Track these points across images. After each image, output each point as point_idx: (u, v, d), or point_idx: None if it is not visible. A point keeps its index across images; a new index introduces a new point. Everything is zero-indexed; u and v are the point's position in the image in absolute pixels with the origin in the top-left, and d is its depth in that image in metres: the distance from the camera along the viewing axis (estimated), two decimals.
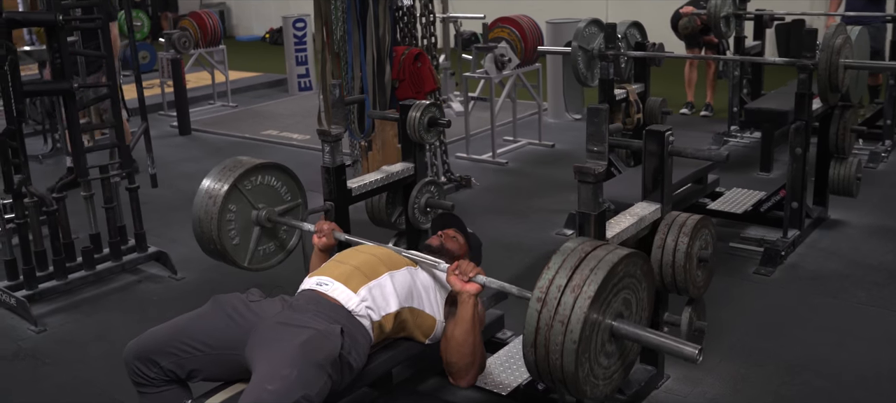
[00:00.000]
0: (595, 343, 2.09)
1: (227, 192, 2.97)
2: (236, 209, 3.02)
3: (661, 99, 5.11)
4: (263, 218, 3.06)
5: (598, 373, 2.14)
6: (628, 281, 2.20)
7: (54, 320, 3.91)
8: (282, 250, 3.19)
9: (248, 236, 3.07)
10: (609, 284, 2.09)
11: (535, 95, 6.75)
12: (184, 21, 9.01)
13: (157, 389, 2.43)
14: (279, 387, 2.14)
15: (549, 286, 2.08)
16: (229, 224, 3.01)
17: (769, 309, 3.72)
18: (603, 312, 2.09)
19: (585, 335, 2.03)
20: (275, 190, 3.12)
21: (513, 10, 7.00)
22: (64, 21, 3.79)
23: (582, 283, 2.05)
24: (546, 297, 2.07)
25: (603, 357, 2.15)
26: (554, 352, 2.04)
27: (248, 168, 3.03)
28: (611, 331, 2.14)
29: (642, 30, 5.29)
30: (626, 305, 2.21)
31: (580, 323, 2.01)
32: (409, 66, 5.20)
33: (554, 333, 2.03)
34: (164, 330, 2.45)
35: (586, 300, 2.02)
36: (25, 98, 3.81)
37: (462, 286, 2.47)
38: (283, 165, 3.17)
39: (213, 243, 2.99)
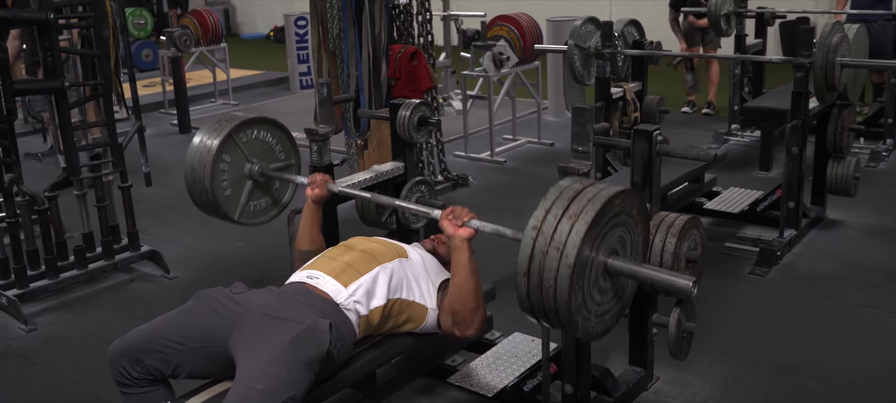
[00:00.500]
0: (589, 275, 2.06)
1: (223, 142, 2.99)
2: (230, 160, 3.04)
3: (658, 97, 5.08)
4: (256, 173, 3.08)
5: (590, 308, 2.10)
6: (624, 219, 2.16)
7: (45, 319, 3.91)
8: (275, 205, 3.22)
9: (240, 189, 3.10)
10: (605, 216, 2.06)
11: (534, 94, 6.72)
12: (185, 19, 9.01)
13: (141, 389, 2.41)
14: (268, 387, 2.12)
15: (546, 215, 2.05)
16: (222, 174, 3.02)
17: (763, 310, 3.68)
18: (598, 244, 2.06)
19: (580, 261, 1.99)
20: (269, 146, 3.15)
21: (516, 9, 6.97)
22: (54, 19, 3.77)
23: (579, 212, 2.02)
24: (542, 225, 2.03)
25: (596, 292, 2.12)
26: (548, 279, 2.00)
27: (244, 120, 3.07)
28: (605, 267, 2.12)
29: (640, 28, 5.26)
30: (621, 243, 2.17)
31: (575, 247, 1.97)
32: (405, 65, 5.18)
33: (549, 260, 1.99)
34: (148, 328, 2.44)
35: (584, 225, 1.99)
36: (15, 96, 3.79)
37: (455, 230, 2.46)
38: (278, 122, 3.18)
39: (206, 193, 2.99)
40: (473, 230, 2.45)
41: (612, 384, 2.92)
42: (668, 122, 7.37)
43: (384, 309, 2.52)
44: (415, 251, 2.74)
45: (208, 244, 4.84)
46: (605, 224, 2.07)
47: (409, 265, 2.64)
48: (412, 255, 2.70)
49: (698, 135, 6.86)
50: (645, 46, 5.05)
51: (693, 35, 7.45)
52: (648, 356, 3.06)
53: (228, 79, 9.20)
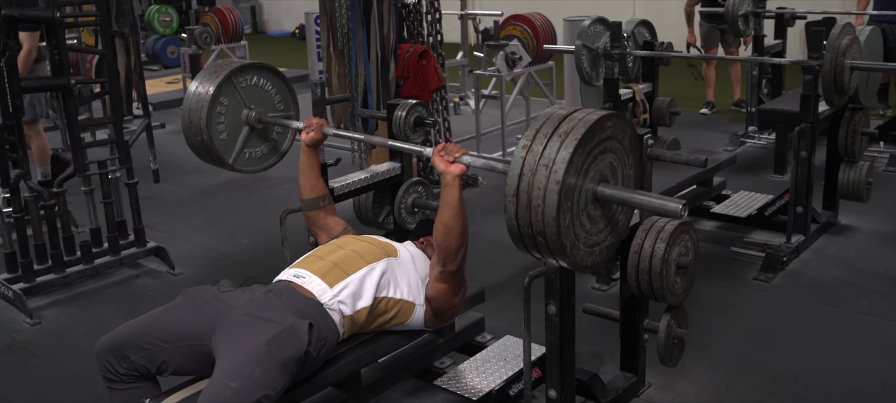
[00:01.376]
0: (578, 198, 2.04)
1: (222, 83, 3.00)
2: (228, 104, 3.04)
3: (669, 99, 5.02)
4: (253, 119, 3.08)
5: (579, 234, 2.08)
6: (615, 145, 2.14)
7: (50, 313, 3.97)
8: (274, 152, 3.22)
9: (236, 134, 3.10)
10: (595, 137, 2.04)
11: (547, 94, 6.68)
12: (206, 17, 9.10)
13: (126, 385, 2.43)
14: (241, 386, 2.13)
15: (536, 134, 2.04)
16: (219, 116, 3.03)
17: (764, 317, 3.62)
18: (587, 168, 2.05)
19: (569, 178, 1.98)
20: (268, 95, 3.16)
21: (540, 9, 6.92)
22: (61, 18, 3.83)
23: (569, 131, 2.01)
24: (531, 144, 2.02)
25: (586, 218, 2.10)
26: (536, 197, 1.98)
27: (243, 65, 3.09)
28: (595, 194, 2.10)
29: (651, 28, 5.19)
30: (611, 171, 2.15)
31: (564, 163, 1.95)
32: (413, 64, 5.18)
33: (537, 177, 1.98)
34: (134, 325, 2.46)
35: (573, 142, 1.97)
36: (22, 93, 3.85)
37: (446, 166, 2.45)
38: (278, 70, 3.19)
39: (201, 133, 3.00)
40: (465, 166, 2.45)
41: (600, 389, 2.90)
42: (685, 123, 7.31)
43: (370, 309, 2.52)
44: (405, 248, 2.74)
45: (215, 241, 4.88)
46: (595, 146, 2.05)
47: (398, 263, 2.64)
48: (402, 253, 2.70)
49: (714, 137, 6.77)
50: (655, 47, 4.99)
51: (712, 36, 7.35)
52: (639, 361, 3.03)
53: None
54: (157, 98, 9.41)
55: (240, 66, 3.09)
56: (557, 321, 2.61)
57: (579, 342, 3.43)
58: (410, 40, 5.37)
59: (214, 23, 8.85)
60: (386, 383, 2.86)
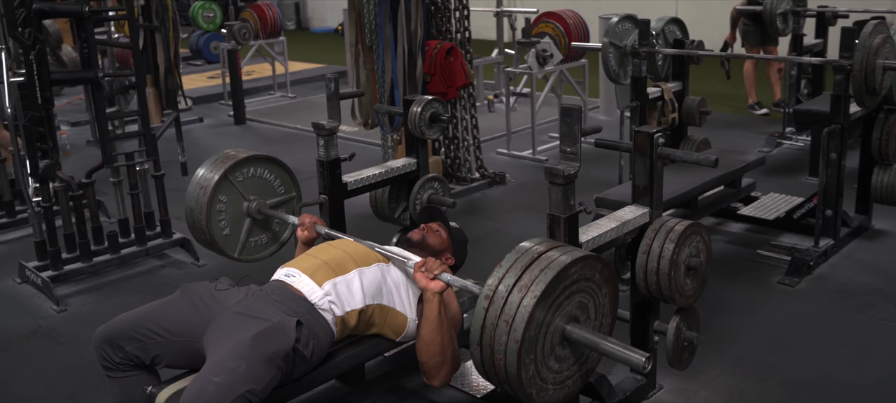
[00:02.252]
0: (543, 344, 2.03)
1: (217, 183, 2.99)
2: (227, 200, 3.04)
3: (699, 98, 4.93)
4: (253, 210, 3.08)
5: (546, 377, 2.07)
6: (584, 285, 2.12)
7: (76, 301, 4.06)
8: (274, 242, 3.21)
9: (239, 227, 3.10)
10: (559, 285, 2.03)
11: (579, 92, 6.62)
12: (245, 13, 9.21)
13: (123, 374, 2.47)
14: (224, 380, 2.15)
15: (498, 284, 2.04)
16: (219, 214, 3.04)
17: (786, 322, 3.54)
18: (552, 313, 2.03)
19: (530, 335, 1.97)
20: (267, 182, 3.14)
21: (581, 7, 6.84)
22: (89, 12, 3.91)
23: (530, 283, 2.00)
24: (494, 295, 2.02)
25: (553, 360, 2.08)
26: (498, 352, 1.99)
27: (238, 160, 3.05)
28: (563, 335, 2.08)
29: (683, 26, 5.10)
30: (582, 309, 2.13)
31: (524, 322, 1.95)
32: (440, 61, 5.18)
33: (498, 332, 1.98)
34: (131, 316, 2.50)
35: (532, 299, 1.97)
36: (53, 86, 3.94)
37: (426, 283, 2.44)
38: (275, 158, 3.18)
39: (203, 233, 3.03)
40: (445, 283, 2.43)
41: (607, 391, 2.86)
42: (724, 123, 7.20)
43: (362, 314, 2.52)
44: (395, 266, 2.71)
45: None
46: (560, 293, 2.04)
47: (389, 271, 2.62)
48: (393, 266, 2.68)
49: (751, 137, 6.64)
50: (686, 45, 4.91)
51: (750, 34, 7.20)
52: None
53: (286, 72, 9.37)
54: (198, 93, 9.59)
55: (234, 164, 3.02)
56: None
57: None
58: (439, 37, 5.36)
59: (253, 19, 8.95)
60: (390, 377, 2.86)
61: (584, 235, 2.59)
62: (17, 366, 3.48)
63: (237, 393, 2.13)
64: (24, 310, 3.99)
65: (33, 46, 3.79)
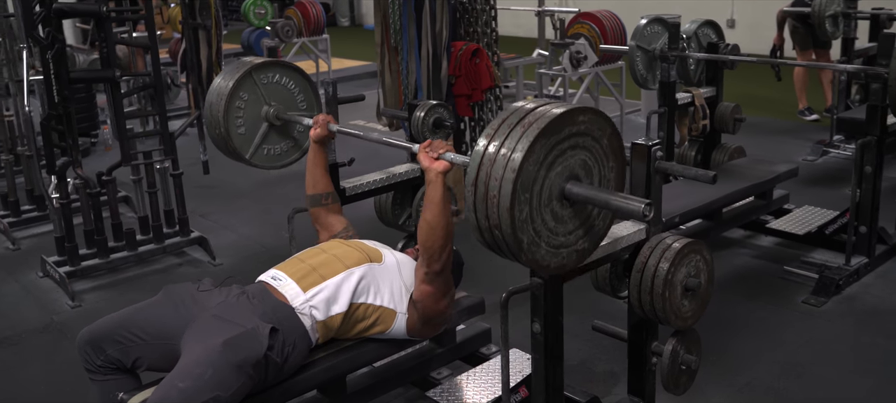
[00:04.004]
0: (540, 191, 1.94)
1: (241, 78, 3.04)
2: (248, 98, 3.08)
3: (733, 104, 4.73)
4: (271, 115, 3.11)
5: (540, 230, 1.97)
6: (589, 143, 2.02)
7: (91, 296, 4.11)
8: (297, 149, 3.24)
9: (255, 130, 3.13)
10: (563, 130, 1.93)
11: (616, 94, 6.45)
12: (289, 10, 9.26)
13: (104, 377, 2.47)
14: (189, 386, 2.12)
15: (501, 124, 1.95)
16: (238, 111, 3.07)
17: (805, 344, 3.36)
18: (552, 160, 1.94)
19: (527, 169, 1.87)
20: (291, 93, 3.18)
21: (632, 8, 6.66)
22: (108, 12, 3.95)
23: (534, 121, 1.91)
24: (496, 132, 1.94)
25: (549, 215, 1.98)
26: (493, 187, 1.89)
27: (265, 61, 3.12)
28: (562, 191, 1.99)
29: (718, 29, 4.90)
30: (585, 170, 2.03)
31: (523, 151, 1.86)
32: (465, 63, 5.10)
33: (496, 167, 1.89)
34: (113, 318, 2.49)
35: (534, 131, 1.87)
36: (72, 84, 3.99)
37: (430, 162, 2.39)
38: (302, 70, 3.22)
39: (218, 126, 3.05)
40: (449, 163, 2.37)
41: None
42: (769, 129, 6.93)
43: (346, 315, 2.47)
44: (392, 255, 2.67)
45: (260, 233, 4.95)
46: (563, 139, 1.94)
47: (380, 269, 2.57)
48: (387, 259, 2.62)
49: (797, 145, 6.37)
50: (720, 50, 4.72)
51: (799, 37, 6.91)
52: (647, 385, 2.84)
53: (329, 69, 9.39)
54: None
55: (261, 63, 3.11)
56: (542, 339, 2.48)
57: (596, 359, 3.31)
58: (466, 38, 5.27)
59: (297, 16, 9.00)
60: (375, 390, 2.80)
61: None
62: (25, 359, 3.54)
63: (201, 400, 2.10)
64: (41, 304, 4.06)
65: (52, 46, 3.84)
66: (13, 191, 5.04)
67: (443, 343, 2.95)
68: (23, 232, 5.02)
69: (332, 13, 18.04)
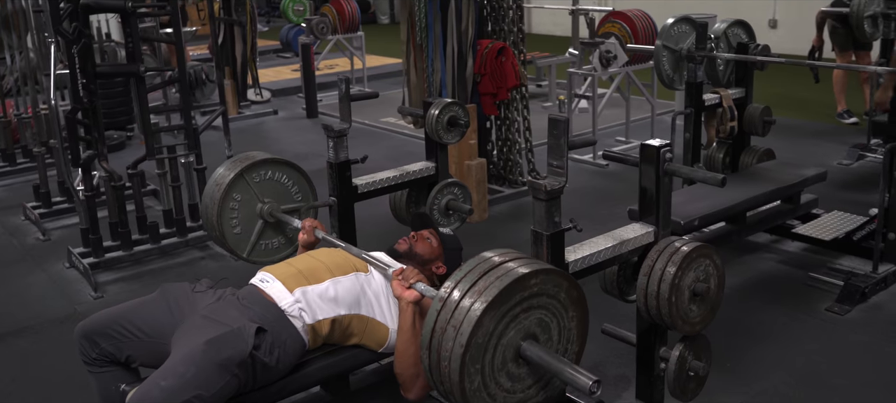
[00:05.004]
0: (493, 357, 1.92)
1: (232, 181, 3.03)
2: (241, 199, 3.07)
3: (762, 106, 4.63)
4: (266, 212, 3.10)
5: (495, 394, 1.95)
6: (546, 301, 2.00)
7: (114, 288, 4.18)
8: (290, 244, 3.21)
9: (251, 228, 3.12)
10: (514, 295, 1.91)
11: (647, 95, 6.36)
12: (324, 7, 9.32)
13: (100, 369, 2.51)
14: (171, 385, 2.14)
15: (453, 288, 1.94)
16: (232, 212, 3.06)
17: (824, 353, 3.27)
18: (505, 325, 1.92)
19: (477, 341, 1.86)
20: (285, 187, 3.16)
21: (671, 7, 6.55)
22: (133, 7, 4.01)
23: (484, 289, 1.90)
24: (447, 299, 1.93)
25: (505, 377, 1.96)
26: (444, 357, 1.89)
27: (256, 161, 3.10)
28: (517, 351, 1.96)
29: (749, 29, 4.80)
30: (542, 328, 2.01)
31: (470, 326, 1.85)
32: (491, 61, 5.07)
33: (446, 337, 1.89)
34: (110, 313, 2.53)
35: (482, 304, 1.86)
36: (98, 79, 4.06)
37: (401, 292, 2.39)
38: (294, 164, 3.20)
39: (214, 229, 3.06)
40: (419, 293, 2.36)
41: None
42: (806, 131, 6.78)
43: (336, 323, 2.48)
44: (375, 272, 2.65)
45: None
46: (516, 304, 1.92)
47: (368, 280, 2.57)
48: (374, 271, 2.61)
49: (834, 148, 6.21)
50: (750, 50, 4.62)
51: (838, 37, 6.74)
52: (655, 391, 2.79)
53: (364, 67, 9.43)
54: (279, 85, 9.79)
55: (252, 163, 3.08)
56: None
57: (608, 363, 3.26)
58: (493, 36, 5.24)
59: (332, 13, 9.05)
60: (379, 388, 2.79)
61: (575, 254, 2.45)
62: (44, 349, 3.61)
63: (183, 398, 2.13)
64: (65, 295, 4.14)
65: (78, 41, 3.91)
66: (44, 182, 5.15)
67: None
68: (53, 223, 5.13)
69: (373, 11, 18.12)
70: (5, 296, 4.16)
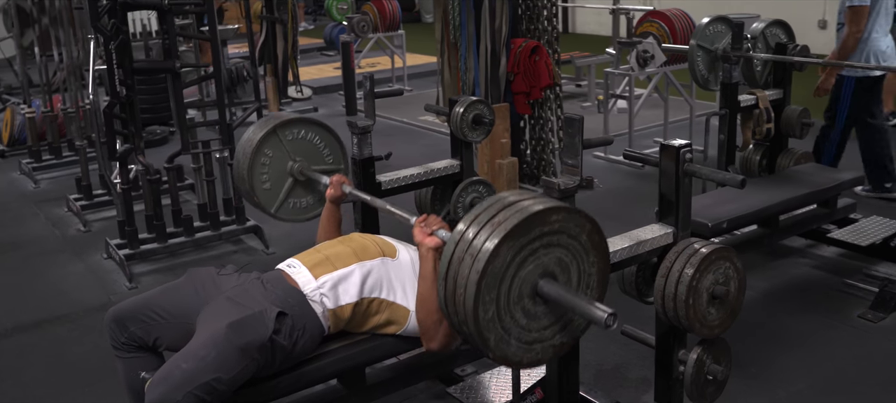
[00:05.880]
0: (509, 288, 1.91)
1: (265, 136, 3.10)
2: (272, 155, 3.13)
3: (801, 108, 4.53)
4: (296, 170, 3.15)
5: (509, 328, 1.94)
6: (567, 241, 1.98)
7: (148, 279, 4.27)
8: (320, 204, 3.25)
9: (280, 185, 3.18)
10: (533, 229, 1.90)
11: (685, 96, 6.28)
12: (365, 6, 9.38)
13: (128, 354, 2.56)
14: (191, 367, 2.19)
15: (472, 221, 1.94)
16: (263, 167, 3.13)
17: (854, 361, 3.19)
18: (522, 258, 1.90)
19: (493, 269, 1.85)
20: (316, 148, 3.22)
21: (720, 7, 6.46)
22: (170, 4, 4.09)
23: (503, 221, 1.89)
24: (466, 230, 1.92)
25: (520, 313, 1.95)
26: (460, 286, 1.88)
27: (290, 118, 3.17)
28: (534, 288, 1.95)
29: (788, 30, 4.70)
30: (561, 268, 1.99)
31: (487, 255, 1.84)
32: (524, 60, 5.05)
33: (463, 265, 1.88)
34: (140, 298, 2.59)
35: (501, 232, 1.85)
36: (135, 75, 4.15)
37: (422, 238, 2.41)
38: (327, 125, 3.26)
39: (244, 181, 3.12)
40: (441, 240, 2.36)
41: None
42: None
43: (357, 307, 2.50)
44: (408, 252, 2.68)
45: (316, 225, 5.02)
46: (535, 239, 1.90)
47: (394, 265, 2.59)
48: (402, 256, 2.64)
49: None
50: (788, 51, 4.52)
51: None
52: (674, 394, 2.76)
53: (404, 65, 9.47)
54: (321, 83, 9.89)
55: (286, 120, 3.14)
56: None
57: (630, 365, 3.24)
58: (527, 34, 5.22)
59: (373, 11, 9.11)
60: (396, 383, 2.81)
61: None
62: (78, 337, 3.71)
63: (202, 380, 2.17)
64: (101, 285, 4.24)
65: (115, 37, 4.00)
66: (86, 175, 5.29)
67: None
68: (94, 214, 5.26)
69: (418, 10, 18.19)
70: (44, 285, 4.29)
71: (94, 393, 3.26)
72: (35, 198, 5.81)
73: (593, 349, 3.32)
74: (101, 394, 3.23)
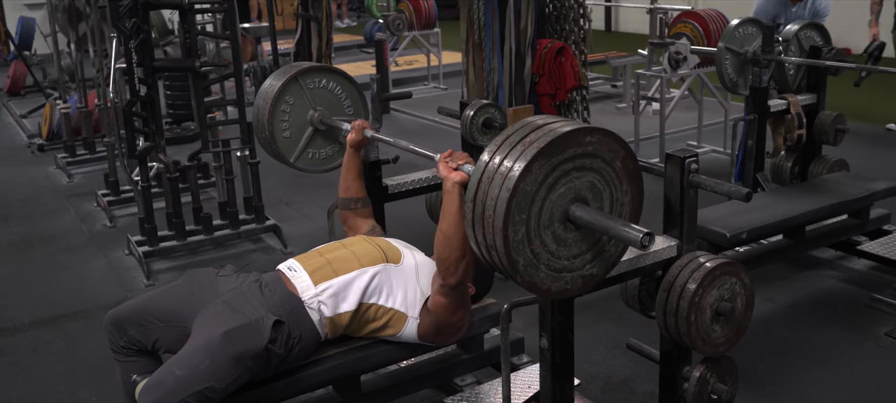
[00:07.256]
0: (540, 213, 1.86)
1: (287, 83, 3.09)
2: (293, 103, 3.12)
3: (835, 114, 4.37)
4: (316, 119, 3.14)
5: (538, 253, 1.89)
6: (600, 165, 1.92)
7: (165, 276, 4.30)
8: (341, 153, 3.24)
9: (300, 134, 3.17)
10: (567, 149, 1.84)
11: (719, 98, 6.11)
12: (402, 4, 9.36)
13: (126, 357, 2.56)
14: (185, 375, 2.17)
15: (503, 142, 1.89)
16: (283, 115, 3.12)
17: (878, 381, 3.05)
18: (554, 178, 1.85)
19: (524, 188, 1.81)
20: (337, 98, 3.20)
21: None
22: (190, 4, 4.11)
23: (536, 140, 1.83)
24: (498, 149, 1.88)
25: (550, 238, 1.90)
26: (489, 206, 1.83)
27: (312, 66, 3.15)
28: (565, 213, 1.89)
29: (824, 32, 4.53)
30: (594, 193, 1.94)
31: (518, 173, 1.79)
32: (549, 61, 4.96)
33: (493, 184, 1.83)
34: (138, 301, 2.58)
35: (534, 150, 1.80)
36: (155, 73, 4.18)
37: (448, 172, 2.35)
38: (348, 75, 3.24)
39: (264, 129, 3.11)
40: (467, 175, 2.31)
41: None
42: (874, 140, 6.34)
43: (355, 313, 2.46)
44: (413, 257, 2.62)
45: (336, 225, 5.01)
46: (566, 160, 1.85)
47: (397, 271, 2.53)
48: (406, 261, 2.58)
49: None
50: (823, 54, 4.36)
51: None
52: None
53: (440, 64, 9.43)
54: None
55: (308, 68, 3.13)
56: (549, 356, 2.36)
57: (639, 379, 3.15)
58: (554, 35, 5.13)
59: (409, 10, 9.09)
60: (393, 391, 2.77)
61: None
62: (92, 333, 3.74)
63: (195, 389, 2.15)
64: (120, 281, 4.29)
65: (136, 35, 4.03)
66: (113, 171, 5.36)
67: (469, 350, 2.88)
68: (121, 210, 5.33)
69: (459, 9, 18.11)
70: (67, 280, 4.35)
71: (103, 391, 3.28)
72: (67, 193, 5.90)
73: (601, 362, 3.24)
74: (109, 392, 3.25)
